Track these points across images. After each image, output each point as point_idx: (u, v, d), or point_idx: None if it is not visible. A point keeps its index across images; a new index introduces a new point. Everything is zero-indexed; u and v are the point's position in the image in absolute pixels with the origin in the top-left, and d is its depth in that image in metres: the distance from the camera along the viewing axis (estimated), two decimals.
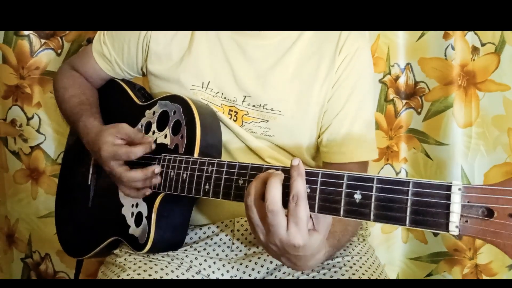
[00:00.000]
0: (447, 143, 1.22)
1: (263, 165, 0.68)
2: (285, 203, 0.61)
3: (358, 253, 0.91)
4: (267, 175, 0.64)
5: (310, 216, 0.62)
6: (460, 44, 1.19)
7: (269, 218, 0.61)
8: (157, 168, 0.83)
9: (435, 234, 1.28)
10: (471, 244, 1.24)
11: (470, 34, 1.19)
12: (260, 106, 0.92)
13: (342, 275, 0.84)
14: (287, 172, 0.63)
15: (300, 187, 0.61)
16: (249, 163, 0.69)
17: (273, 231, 0.62)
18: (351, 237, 0.93)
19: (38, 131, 1.34)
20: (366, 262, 0.89)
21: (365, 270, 0.87)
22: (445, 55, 1.20)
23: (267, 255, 0.90)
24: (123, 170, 0.85)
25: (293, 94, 0.92)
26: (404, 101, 1.29)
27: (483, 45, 1.19)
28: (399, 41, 1.26)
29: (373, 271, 0.87)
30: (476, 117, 1.21)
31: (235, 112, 0.93)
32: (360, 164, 0.95)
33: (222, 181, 0.72)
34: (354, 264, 0.88)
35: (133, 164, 0.89)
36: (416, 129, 1.29)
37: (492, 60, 1.18)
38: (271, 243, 0.64)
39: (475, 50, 1.20)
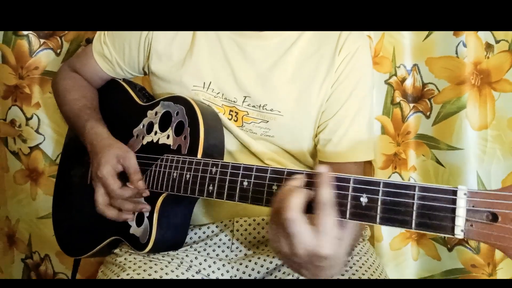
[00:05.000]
0: (460, 148, 1.15)
1: (268, 167, 0.68)
2: (310, 209, 0.60)
3: (358, 253, 0.91)
4: (294, 182, 0.63)
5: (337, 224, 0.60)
6: (473, 41, 1.12)
7: (287, 227, 0.59)
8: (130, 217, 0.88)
9: (450, 249, 1.21)
10: (489, 258, 1.16)
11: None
12: (260, 106, 0.92)
13: (342, 275, 0.84)
14: (311, 176, 0.62)
15: (328, 194, 0.59)
16: (254, 165, 0.69)
17: (297, 241, 0.59)
18: (357, 242, 0.94)
19: (37, 131, 1.34)
20: (366, 262, 0.90)
21: (365, 270, 0.87)
22: (456, 53, 1.13)
23: (267, 255, 0.90)
24: (102, 202, 0.88)
25: (292, 95, 0.93)
26: (412, 105, 1.22)
27: (497, 42, 1.12)
28: (405, 41, 1.19)
29: (373, 271, 0.87)
30: (491, 119, 1.13)
31: (235, 112, 0.94)
32: (357, 165, 0.95)
33: (227, 183, 0.72)
34: (354, 264, 0.88)
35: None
36: (425, 134, 1.21)
37: (506, 59, 1.11)
38: (295, 254, 0.60)
39: (489, 47, 1.13)
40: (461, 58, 1.12)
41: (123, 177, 0.88)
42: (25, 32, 1.29)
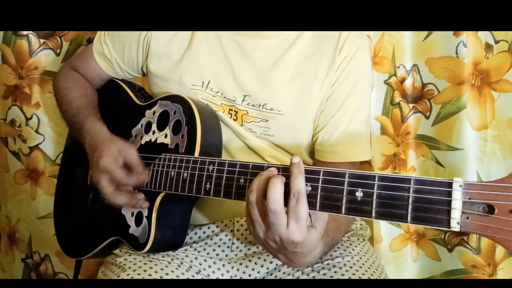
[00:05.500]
0: (460, 148, 1.13)
1: (264, 163, 0.68)
2: (285, 200, 0.62)
3: (358, 253, 0.91)
4: (269, 173, 0.65)
5: (309, 213, 0.63)
6: (473, 41, 1.10)
7: (270, 218, 0.62)
8: (144, 204, 0.85)
9: (450, 250, 1.19)
10: (490, 259, 1.15)
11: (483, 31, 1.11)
12: (259, 105, 0.92)
13: (342, 275, 0.84)
14: (286, 170, 0.64)
15: (301, 184, 0.62)
16: (250, 162, 0.69)
17: (273, 229, 0.63)
18: (343, 235, 0.94)
19: (37, 131, 1.33)
20: (366, 262, 0.89)
21: (365, 270, 0.87)
22: (456, 53, 1.11)
23: (267, 255, 0.90)
24: (110, 190, 0.85)
25: (292, 94, 0.93)
26: (411, 105, 1.20)
27: (496, 42, 1.11)
28: (405, 41, 1.18)
29: (373, 271, 0.87)
30: (491, 119, 1.12)
31: (235, 111, 0.94)
32: (352, 165, 0.96)
33: (223, 180, 0.72)
34: (354, 264, 0.88)
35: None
36: (425, 134, 1.19)
37: (506, 59, 1.10)
38: (270, 239, 0.65)
39: (488, 47, 1.11)
40: (461, 58, 1.11)
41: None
42: (25, 32, 1.28)
